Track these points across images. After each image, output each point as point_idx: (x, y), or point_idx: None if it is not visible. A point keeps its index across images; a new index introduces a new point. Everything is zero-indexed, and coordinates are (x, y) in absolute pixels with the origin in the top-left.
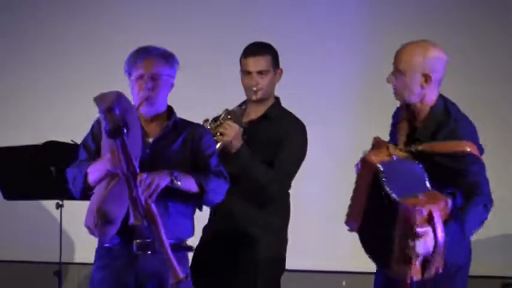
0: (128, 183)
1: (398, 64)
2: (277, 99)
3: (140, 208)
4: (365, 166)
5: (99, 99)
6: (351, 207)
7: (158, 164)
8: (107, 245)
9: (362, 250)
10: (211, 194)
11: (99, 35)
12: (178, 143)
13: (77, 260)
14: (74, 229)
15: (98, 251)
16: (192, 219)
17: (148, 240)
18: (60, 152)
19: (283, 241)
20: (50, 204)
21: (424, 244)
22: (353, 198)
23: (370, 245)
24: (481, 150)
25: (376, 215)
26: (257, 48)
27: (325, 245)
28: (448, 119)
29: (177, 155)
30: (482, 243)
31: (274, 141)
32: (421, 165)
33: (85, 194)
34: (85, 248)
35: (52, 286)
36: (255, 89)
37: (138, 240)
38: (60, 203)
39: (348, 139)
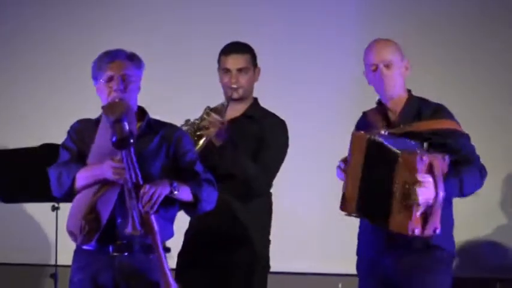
0: (129, 193)
1: (385, 56)
2: (255, 99)
3: (139, 218)
4: (356, 142)
5: (108, 110)
6: (345, 188)
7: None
8: (85, 247)
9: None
10: (205, 203)
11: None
12: (154, 144)
13: None
14: None
15: (76, 252)
16: (172, 222)
17: (125, 241)
18: (57, 154)
19: (266, 240)
20: (45, 206)
21: (425, 192)
22: (346, 180)
23: (367, 209)
24: None
25: (371, 183)
26: (236, 47)
27: (321, 247)
28: (426, 102)
29: (153, 156)
30: (479, 244)
31: (257, 140)
32: (412, 141)
33: (68, 197)
34: None
35: None
36: (235, 86)
37: (115, 242)
38: (56, 205)
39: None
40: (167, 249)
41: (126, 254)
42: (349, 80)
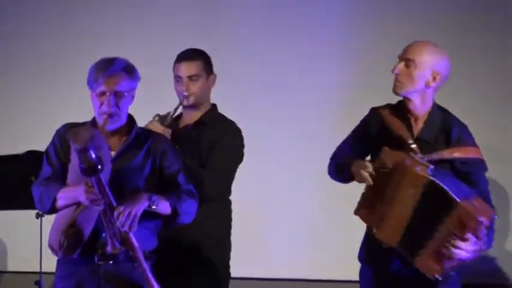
0: (104, 215)
1: (410, 54)
2: (214, 105)
3: (118, 237)
4: (406, 177)
5: (73, 138)
6: (387, 219)
7: (121, 178)
8: None
9: (346, 259)
10: (183, 216)
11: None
12: (141, 155)
13: None
14: None
15: (59, 261)
16: (155, 232)
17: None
18: (41, 162)
19: (226, 248)
20: (30, 213)
21: (466, 250)
22: (391, 211)
23: (409, 246)
24: None
25: (420, 222)
26: (188, 54)
27: (310, 254)
28: (449, 116)
29: (140, 168)
30: None
31: (209, 146)
32: (466, 187)
33: (51, 214)
34: None
35: None
36: (186, 94)
37: (99, 251)
38: (41, 212)
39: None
40: (150, 257)
41: (111, 262)
42: (333, 84)
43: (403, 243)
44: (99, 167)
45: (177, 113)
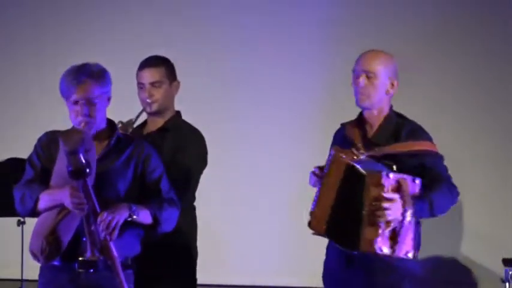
0: (86, 221)
1: (369, 66)
2: (178, 112)
3: (98, 244)
4: (336, 164)
5: (64, 139)
6: (317, 207)
7: (102, 181)
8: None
9: (309, 264)
10: (165, 225)
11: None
12: (122, 160)
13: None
14: None
15: (42, 268)
16: (139, 239)
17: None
18: (22, 169)
19: (192, 254)
20: (11, 221)
21: (392, 209)
22: (318, 198)
23: (337, 233)
24: None
25: (343, 207)
26: (150, 61)
27: (294, 262)
28: (404, 121)
29: (122, 172)
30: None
31: (172, 153)
32: (383, 165)
33: (32, 216)
34: None
35: None
36: (149, 101)
37: (80, 258)
38: (22, 220)
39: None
40: (131, 266)
41: (91, 270)
42: (318, 86)
43: (330, 230)
44: (87, 170)
45: (139, 119)
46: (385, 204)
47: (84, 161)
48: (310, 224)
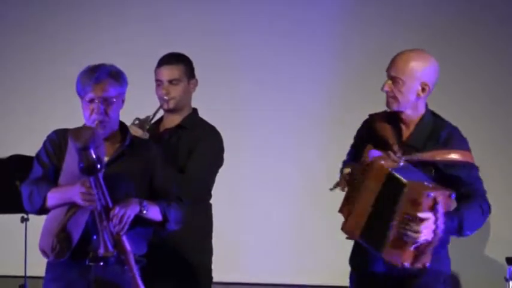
0: (99, 217)
1: (396, 72)
2: (194, 110)
3: (111, 240)
4: (373, 172)
5: (74, 136)
6: (352, 213)
7: (114, 184)
8: None
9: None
10: (173, 223)
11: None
12: (134, 162)
13: (42, 273)
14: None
15: (49, 263)
16: (146, 239)
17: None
18: (26, 166)
19: (206, 252)
20: (15, 218)
21: (424, 231)
22: (356, 204)
23: (370, 238)
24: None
25: (379, 214)
26: (169, 58)
27: (295, 259)
28: (442, 123)
29: (132, 174)
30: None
31: (187, 151)
32: (425, 175)
33: (40, 213)
34: None
35: None
36: (166, 98)
37: (90, 253)
38: (25, 216)
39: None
40: (141, 261)
41: (101, 264)
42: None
43: (365, 236)
44: (99, 166)
45: (157, 117)
46: (418, 227)
47: (95, 157)
48: (344, 228)
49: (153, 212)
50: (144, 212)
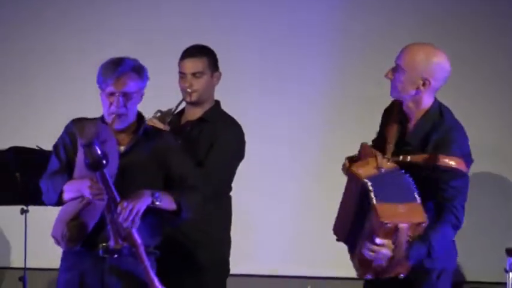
0: (107, 210)
1: (400, 61)
2: (217, 102)
3: (121, 233)
4: (353, 179)
5: (79, 132)
6: (338, 218)
7: (129, 174)
8: None
9: (326, 255)
10: (188, 212)
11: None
12: (149, 152)
13: (42, 265)
14: (38, 234)
15: (64, 252)
16: (160, 229)
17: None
18: (25, 157)
19: (224, 244)
20: (14, 209)
21: (379, 254)
22: (340, 210)
23: (350, 241)
24: (469, 161)
25: (359, 221)
26: (193, 51)
27: (291, 250)
28: (441, 124)
29: (148, 164)
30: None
31: (208, 144)
32: (408, 175)
33: (59, 205)
34: (50, 254)
35: None
36: (189, 90)
37: (103, 244)
38: (25, 208)
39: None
40: (154, 253)
41: (115, 256)
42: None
43: (348, 240)
44: (104, 162)
45: (179, 108)
46: (376, 248)
47: (100, 153)
48: (333, 229)
49: (167, 202)
50: (157, 203)
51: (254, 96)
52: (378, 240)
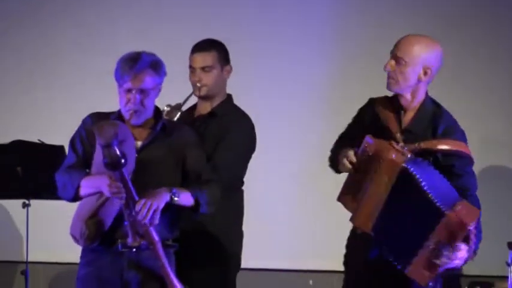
0: (126, 208)
1: (400, 52)
2: (228, 96)
3: (139, 230)
4: (384, 164)
5: (97, 132)
6: (362, 205)
7: (146, 168)
8: None
9: (327, 249)
10: (206, 206)
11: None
12: (166, 147)
13: (44, 259)
14: (40, 228)
15: (83, 249)
16: (177, 221)
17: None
18: (27, 152)
19: (236, 238)
20: (16, 203)
21: (458, 258)
22: (366, 197)
23: (386, 238)
24: None
25: (400, 217)
26: (203, 45)
27: (292, 244)
28: (441, 111)
29: (166, 159)
30: None
31: (217, 138)
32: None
33: (75, 201)
34: (52, 247)
35: (19, 285)
36: (198, 85)
37: (120, 240)
38: (27, 202)
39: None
40: (173, 246)
41: (134, 250)
42: (322, 77)
43: (377, 231)
44: (122, 162)
45: (187, 103)
46: (455, 254)
47: (119, 153)
48: (354, 221)
49: (185, 198)
50: (176, 199)
51: (254, 96)
52: (460, 245)
